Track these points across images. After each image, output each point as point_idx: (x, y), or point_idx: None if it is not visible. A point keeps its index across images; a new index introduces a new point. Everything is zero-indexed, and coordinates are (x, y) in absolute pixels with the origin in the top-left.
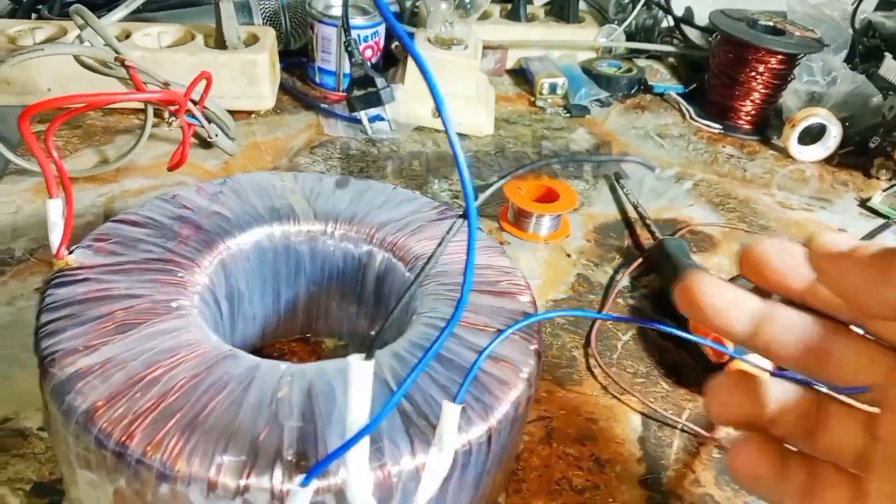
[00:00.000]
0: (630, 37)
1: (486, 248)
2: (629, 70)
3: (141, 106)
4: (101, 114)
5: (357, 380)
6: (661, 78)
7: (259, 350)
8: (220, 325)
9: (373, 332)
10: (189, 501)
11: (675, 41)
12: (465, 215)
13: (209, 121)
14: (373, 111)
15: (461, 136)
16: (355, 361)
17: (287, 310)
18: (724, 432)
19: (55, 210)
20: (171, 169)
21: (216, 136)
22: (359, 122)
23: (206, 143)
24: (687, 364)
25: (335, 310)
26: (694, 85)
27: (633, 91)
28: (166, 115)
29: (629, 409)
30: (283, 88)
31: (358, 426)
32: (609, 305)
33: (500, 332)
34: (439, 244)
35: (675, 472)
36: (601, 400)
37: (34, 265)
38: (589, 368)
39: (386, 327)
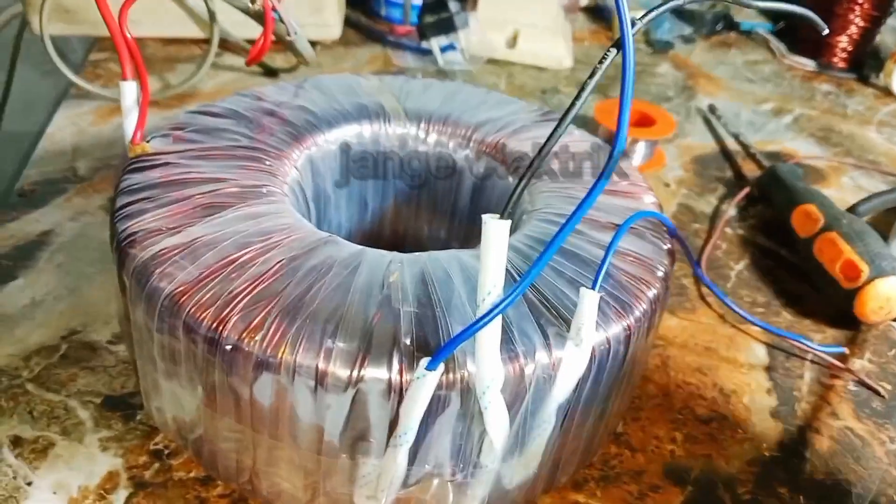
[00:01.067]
0: None
1: (597, 147)
2: (714, 5)
3: (203, 35)
4: (162, 44)
5: (493, 241)
6: (749, 14)
7: None
8: None
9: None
10: (292, 395)
11: None
12: (618, 44)
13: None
14: (444, 40)
15: (539, 69)
16: (492, 221)
17: (373, 222)
18: (860, 364)
19: (130, 93)
20: (250, 62)
21: (295, 34)
22: (429, 52)
23: (270, 73)
24: (809, 295)
25: (426, 225)
26: (783, 22)
27: (718, 27)
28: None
29: (751, 338)
30: (348, 22)
31: (493, 299)
32: (717, 235)
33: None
34: (578, 94)
35: (810, 404)
36: (719, 329)
37: (98, 183)
38: (702, 297)
39: (519, 192)
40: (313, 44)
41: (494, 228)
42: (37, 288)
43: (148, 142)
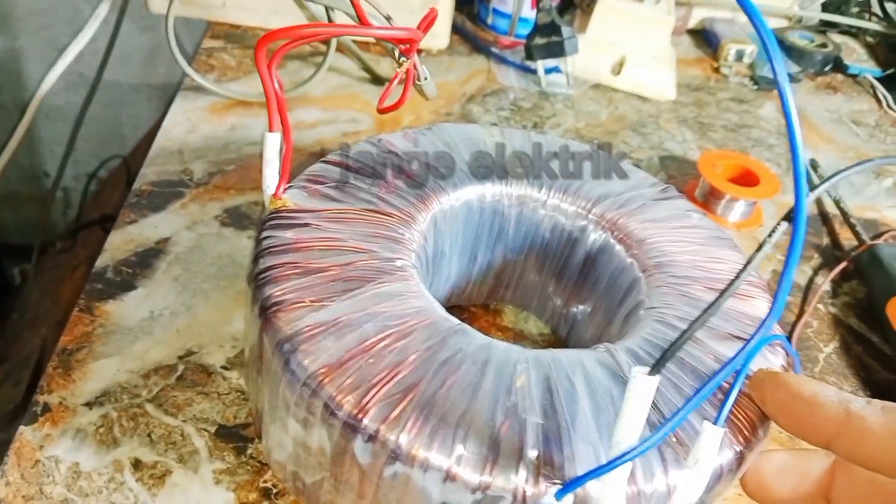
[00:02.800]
0: (823, 7)
1: (716, 239)
2: (823, 45)
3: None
4: None
5: (638, 395)
6: (858, 58)
7: None
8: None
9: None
10: (419, 486)
11: (874, 17)
12: (790, 217)
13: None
14: (551, 62)
15: (641, 98)
16: (641, 376)
17: (479, 274)
18: None
19: (273, 144)
20: (381, 112)
21: (426, 78)
22: (533, 71)
23: (377, 80)
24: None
25: (530, 281)
26: (893, 70)
27: (825, 68)
28: (396, 54)
29: None
30: (453, 27)
31: (626, 445)
32: (809, 311)
33: (746, 345)
34: (749, 261)
35: None
36: None
37: (212, 189)
38: None
39: (675, 350)
40: (419, 51)
41: (642, 384)
42: (155, 301)
43: (285, 192)
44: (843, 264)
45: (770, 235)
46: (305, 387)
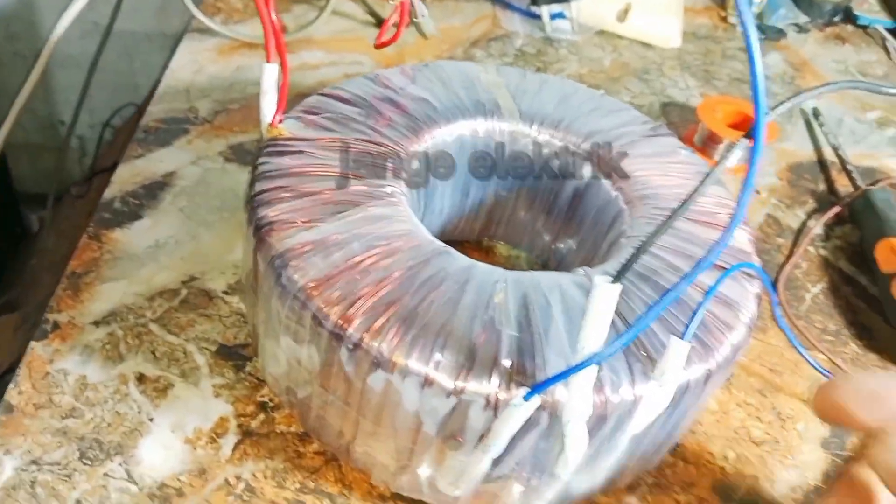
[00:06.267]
0: None
1: (701, 174)
2: None
3: None
4: None
5: (600, 303)
6: (869, 8)
7: None
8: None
9: (555, 243)
10: (400, 392)
11: None
12: (750, 135)
13: None
14: (556, 8)
15: (646, 45)
16: (603, 284)
17: (472, 210)
18: None
19: (270, 75)
20: (378, 47)
21: (423, 16)
22: (538, 17)
23: (381, 24)
24: (882, 329)
25: (521, 218)
26: None
27: (835, 18)
28: None
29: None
30: None
31: (590, 351)
32: (799, 253)
33: (724, 270)
34: (708, 174)
35: (860, 440)
36: (786, 352)
37: (217, 127)
38: (774, 317)
39: (631, 264)
40: None
41: (604, 292)
42: (160, 230)
43: (281, 122)
44: (837, 209)
45: (729, 151)
46: (295, 300)
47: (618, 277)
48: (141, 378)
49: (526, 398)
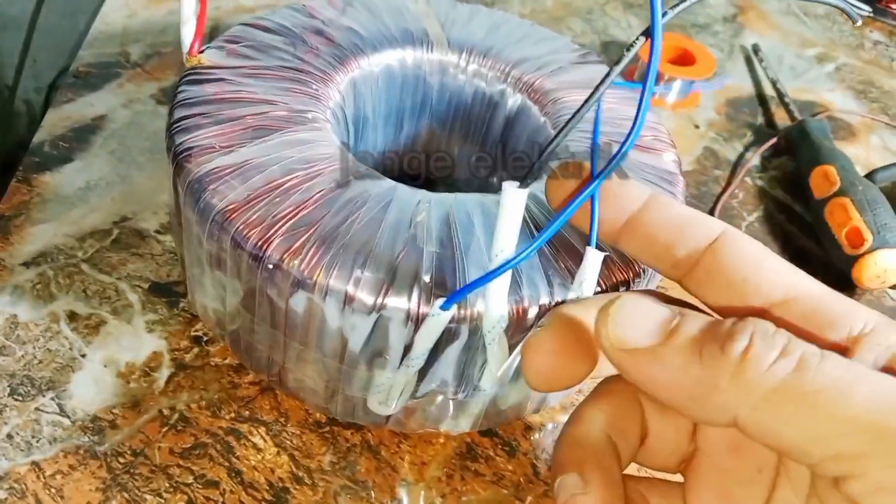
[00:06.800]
0: None
1: (628, 100)
2: None
3: None
4: None
5: (509, 207)
6: None
7: None
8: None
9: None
10: (322, 312)
11: None
12: (648, 33)
13: None
14: None
15: None
16: (510, 188)
17: (407, 145)
18: None
19: (188, 4)
20: None
21: None
22: None
23: None
24: (814, 253)
25: (455, 153)
26: None
27: None
28: None
29: None
30: None
31: (504, 256)
32: (736, 183)
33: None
34: (609, 73)
35: None
36: None
37: (149, 70)
38: None
39: (542, 161)
40: None
41: (512, 196)
42: (91, 172)
43: (202, 52)
44: (773, 140)
45: (628, 49)
46: (214, 223)
47: (524, 180)
48: (72, 316)
49: (443, 308)
